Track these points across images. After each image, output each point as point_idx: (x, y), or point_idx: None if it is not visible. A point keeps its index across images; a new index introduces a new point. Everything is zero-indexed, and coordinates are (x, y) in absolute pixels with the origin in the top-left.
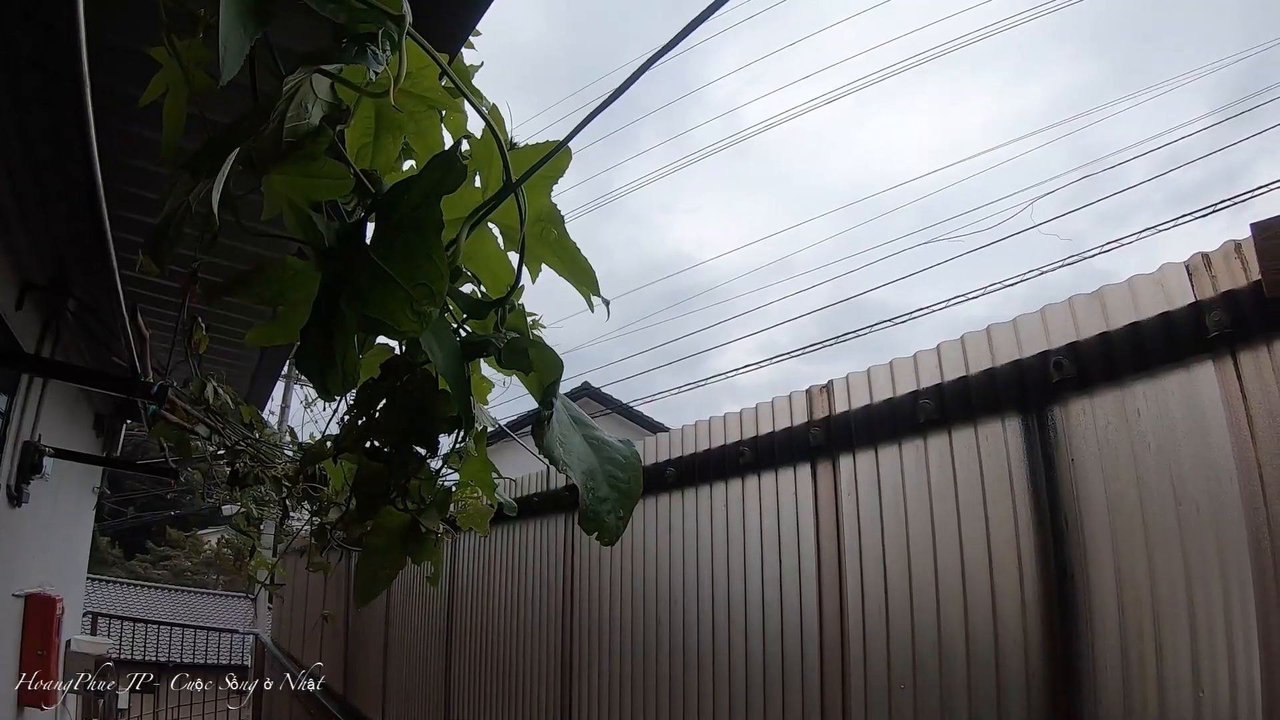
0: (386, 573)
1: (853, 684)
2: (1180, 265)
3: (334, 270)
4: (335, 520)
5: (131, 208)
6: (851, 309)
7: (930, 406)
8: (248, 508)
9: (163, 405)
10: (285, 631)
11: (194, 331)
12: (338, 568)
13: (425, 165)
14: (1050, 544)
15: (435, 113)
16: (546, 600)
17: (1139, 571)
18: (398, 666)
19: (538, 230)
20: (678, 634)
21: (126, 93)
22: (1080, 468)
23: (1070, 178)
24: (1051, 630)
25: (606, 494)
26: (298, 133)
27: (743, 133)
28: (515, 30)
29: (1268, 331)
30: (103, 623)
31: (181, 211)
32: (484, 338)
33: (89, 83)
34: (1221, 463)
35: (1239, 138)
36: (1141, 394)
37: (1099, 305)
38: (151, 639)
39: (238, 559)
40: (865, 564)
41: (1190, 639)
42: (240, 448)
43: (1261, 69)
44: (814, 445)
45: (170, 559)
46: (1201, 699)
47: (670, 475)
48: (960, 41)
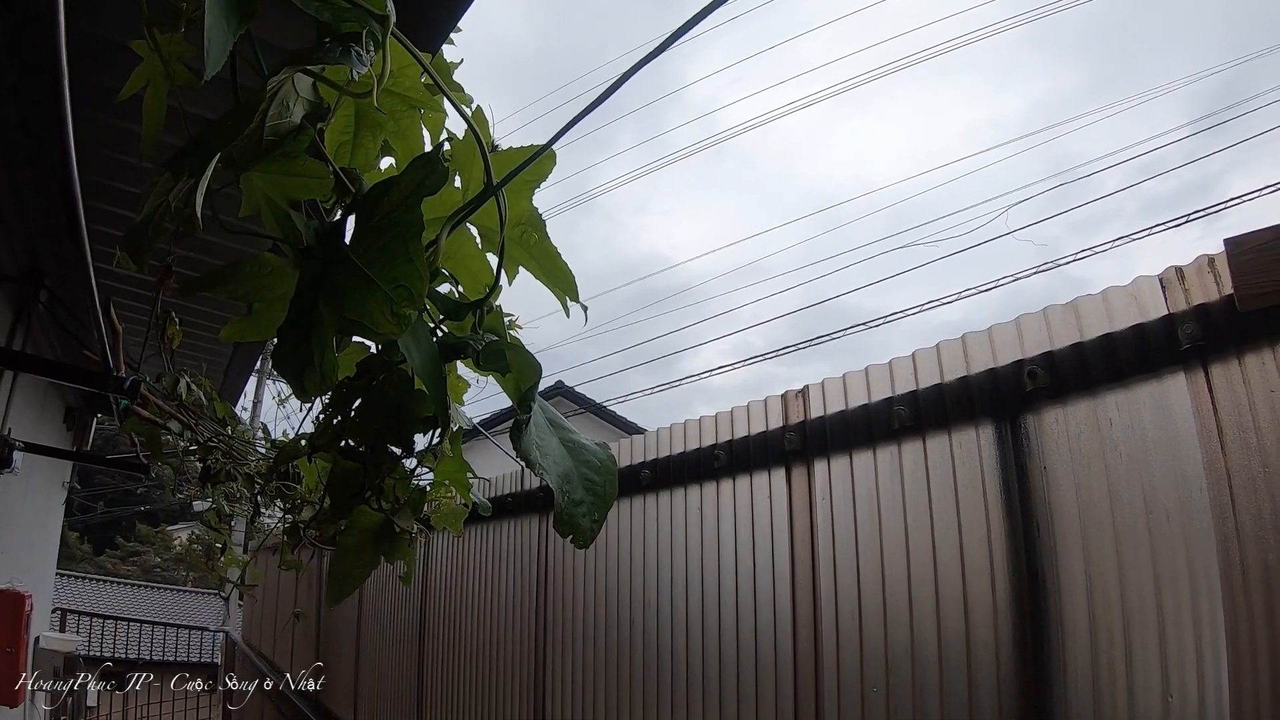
0: (359, 572)
1: (826, 686)
2: (1154, 278)
3: (312, 270)
4: (309, 519)
5: (107, 200)
6: (826, 312)
7: (905, 413)
8: (219, 504)
9: (135, 400)
10: (256, 630)
11: (168, 326)
12: (310, 566)
13: (407, 166)
14: (1022, 550)
15: (416, 111)
16: (520, 600)
17: (1109, 578)
18: (370, 666)
19: (518, 234)
20: (652, 635)
21: (104, 84)
22: (1053, 475)
23: (1046, 185)
24: (1023, 635)
25: (581, 497)
26: (279, 131)
27: (719, 135)
28: (495, 26)
29: (1239, 344)
30: (72, 619)
31: (162, 210)
32: (462, 339)
33: (67, 73)
34: (1192, 472)
35: (1213, 149)
36: (1114, 404)
37: (1073, 316)
38: (121, 636)
39: (208, 556)
40: (839, 568)
41: (1159, 644)
42: (213, 444)
43: (1238, 82)
44: (789, 449)
45: (140, 555)
46: (1170, 703)
47: (645, 477)
48: (939, 48)
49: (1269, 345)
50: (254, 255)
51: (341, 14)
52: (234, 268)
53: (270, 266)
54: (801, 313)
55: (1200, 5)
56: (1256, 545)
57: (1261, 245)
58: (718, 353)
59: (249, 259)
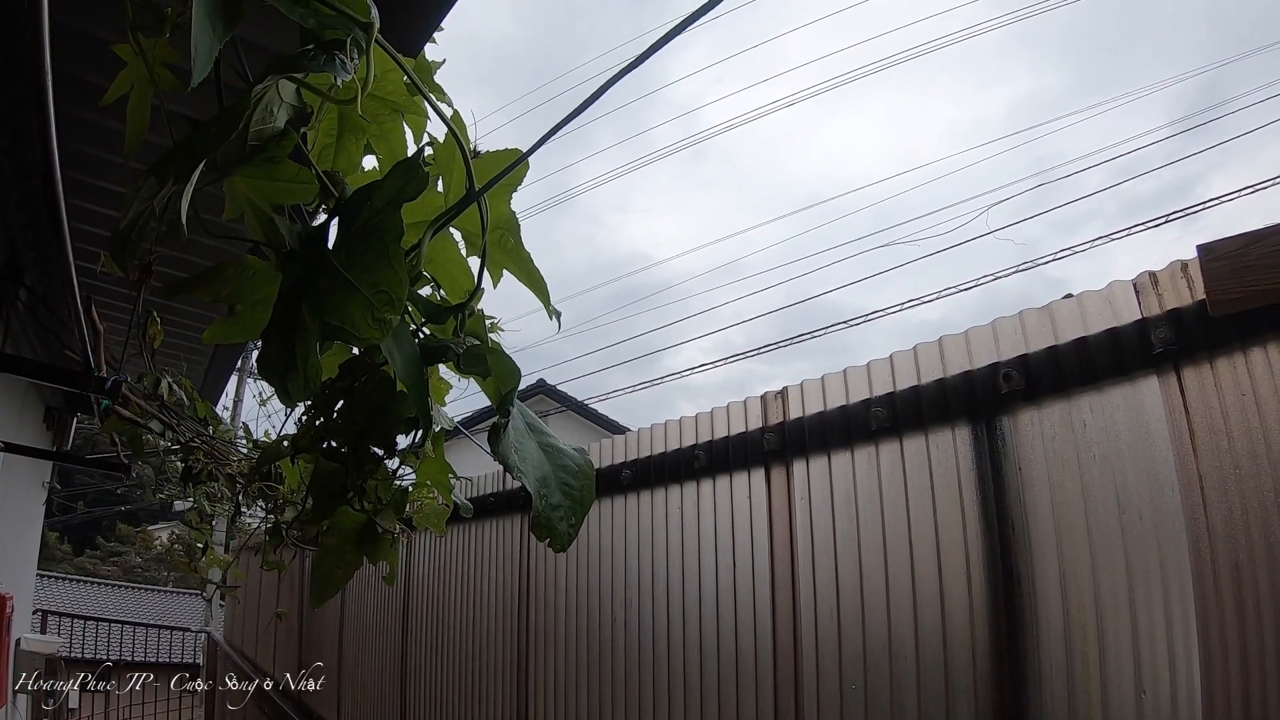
0: (342, 572)
1: (805, 683)
2: (1128, 282)
3: (295, 274)
4: (291, 519)
5: (88, 198)
6: (806, 311)
7: (883, 414)
8: (200, 504)
9: (117, 400)
10: (239, 630)
11: (149, 325)
12: (292, 566)
13: (388, 172)
14: (998, 549)
15: (398, 115)
16: (502, 599)
17: (1083, 576)
18: (353, 666)
19: (497, 237)
20: (633, 634)
21: (86, 80)
22: (1027, 476)
23: (1025, 185)
24: (998, 632)
25: (559, 501)
26: (263, 136)
27: (701, 134)
28: (477, 22)
29: (1211, 348)
30: (52, 621)
31: (146, 215)
32: (443, 343)
33: (50, 69)
34: (1164, 473)
35: (1192, 151)
36: (1088, 406)
37: (1048, 319)
38: (102, 637)
39: (190, 556)
40: (818, 567)
41: (1133, 641)
42: (194, 444)
43: (1217, 84)
44: (768, 450)
45: (121, 555)
46: (1144, 699)
47: (626, 477)
48: (921, 48)
49: (1240, 349)
50: (236, 257)
51: (326, 21)
52: (217, 270)
53: (253, 269)
54: (782, 311)
55: (1183, 6)
56: (1227, 544)
57: (1233, 252)
58: (699, 350)
59: (231, 261)
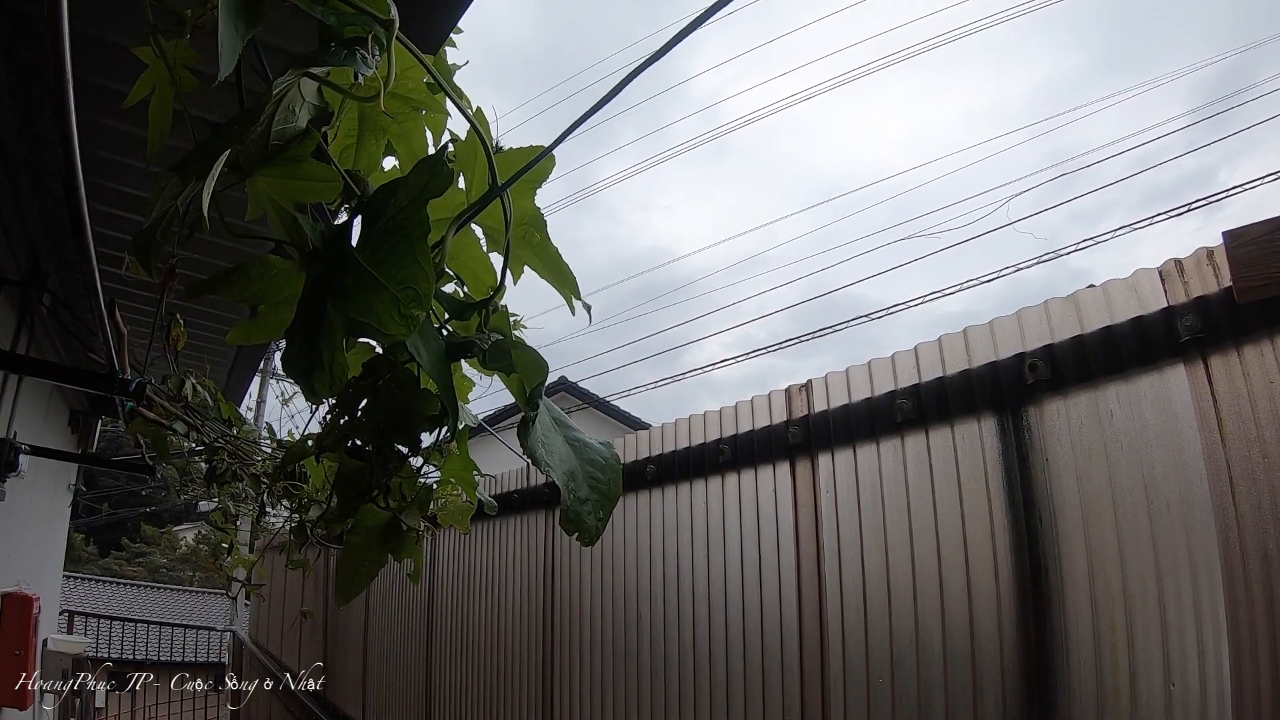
0: (366, 570)
1: (832, 679)
2: (1153, 270)
3: (319, 272)
4: (316, 518)
5: (109, 202)
6: (827, 304)
7: (908, 406)
8: (225, 505)
9: (140, 402)
10: (263, 628)
11: (172, 327)
12: (317, 565)
13: (412, 169)
14: (1025, 541)
15: (419, 113)
16: (527, 597)
17: (1111, 568)
18: (378, 663)
19: (521, 233)
20: (659, 631)
21: (103, 86)
22: (1054, 467)
23: (1046, 175)
24: (1026, 625)
25: (587, 495)
26: (284, 135)
27: (721, 128)
28: (493, 22)
29: (1238, 336)
30: (79, 621)
31: (170, 215)
32: (468, 339)
33: (70, 75)
34: (1192, 463)
35: (1214, 138)
36: (1114, 395)
37: (1074, 308)
38: (129, 636)
39: (214, 555)
40: (844, 561)
41: (1161, 633)
42: (219, 445)
43: (1238, 70)
44: (793, 444)
45: (146, 556)
46: (1173, 691)
47: (650, 473)
48: (940, 38)
49: (1268, 337)
50: (258, 257)
51: (345, 18)
52: (240, 271)
53: (275, 269)
54: (804, 305)
55: None
56: (1256, 534)
57: (1259, 238)
58: (721, 345)
59: (254, 262)
